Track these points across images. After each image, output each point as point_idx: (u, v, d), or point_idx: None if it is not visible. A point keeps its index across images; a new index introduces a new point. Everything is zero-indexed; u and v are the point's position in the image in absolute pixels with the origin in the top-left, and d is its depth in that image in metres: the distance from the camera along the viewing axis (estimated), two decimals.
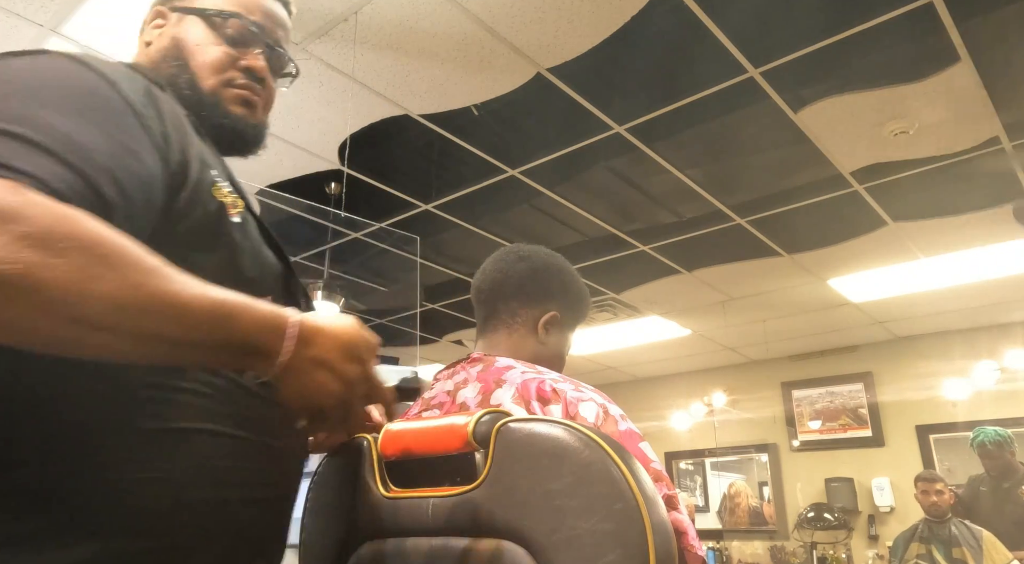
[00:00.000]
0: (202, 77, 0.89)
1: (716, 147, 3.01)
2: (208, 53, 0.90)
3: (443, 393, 1.12)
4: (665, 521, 0.80)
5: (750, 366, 6.17)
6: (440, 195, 3.37)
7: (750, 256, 4.06)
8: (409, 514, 0.89)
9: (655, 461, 0.95)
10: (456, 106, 2.67)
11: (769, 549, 5.62)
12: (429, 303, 4.81)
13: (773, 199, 3.41)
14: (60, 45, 2.29)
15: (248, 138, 0.93)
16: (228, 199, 0.77)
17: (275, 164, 3.06)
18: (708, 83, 2.55)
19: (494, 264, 1.24)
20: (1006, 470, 3.84)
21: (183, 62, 0.89)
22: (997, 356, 5.00)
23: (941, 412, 5.17)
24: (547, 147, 2.97)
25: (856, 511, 5.31)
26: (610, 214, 3.59)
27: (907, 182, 3.22)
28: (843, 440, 5.55)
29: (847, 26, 2.27)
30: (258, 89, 0.93)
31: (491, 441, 0.84)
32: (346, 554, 0.95)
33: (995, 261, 4.06)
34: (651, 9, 2.19)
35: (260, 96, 0.94)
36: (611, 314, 5.00)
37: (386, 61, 2.43)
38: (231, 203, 0.77)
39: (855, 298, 4.65)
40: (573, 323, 1.25)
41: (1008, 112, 2.71)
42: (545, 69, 2.47)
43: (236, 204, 0.78)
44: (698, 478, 6.31)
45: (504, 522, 0.81)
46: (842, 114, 2.72)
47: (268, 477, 0.77)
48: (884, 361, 5.53)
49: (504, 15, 2.22)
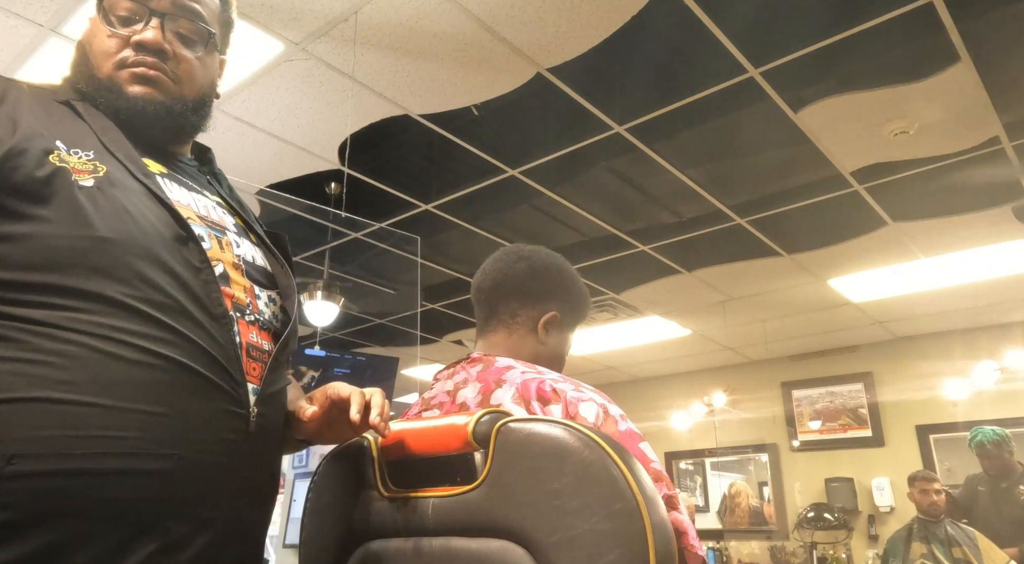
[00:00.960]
0: (98, 67, 0.90)
1: (716, 147, 3.01)
2: (99, 41, 0.91)
3: (443, 393, 1.12)
4: (665, 521, 0.80)
5: (750, 366, 6.16)
6: (440, 195, 3.37)
7: (750, 256, 4.06)
8: (409, 514, 0.89)
9: (655, 461, 0.95)
10: (456, 106, 2.67)
11: (769, 549, 5.61)
12: (429, 303, 4.81)
13: (773, 199, 3.41)
14: (60, 45, 2.30)
15: (152, 115, 0.90)
16: (75, 165, 0.78)
17: (275, 164, 3.06)
18: (708, 83, 2.55)
19: (494, 264, 1.24)
20: (1004, 470, 3.84)
21: (84, 59, 0.91)
22: (997, 356, 5.00)
23: (941, 412, 5.17)
24: (547, 147, 2.97)
25: (856, 511, 5.30)
26: (610, 214, 3.59)
27: (907, 182, 3.22)
28: (843, 440, 5.55)
29: (847, 26, 2.27)
30: (152, 62, 0.90)
31: (491, 441, 0.84)
32: (346, 554, 0.95)
33: (995, 261, 4.06)
34: (651, 9, 2.19)
35: (160, 69, 0.91)
36: (611, 314, 5.00)
37: (386, 61, 2.43)
38: (80, 169, 0.78)
39: (855, 298, 4.65)
40: (573, 323, 1.25)
41: (1008, 112, 2.71)
42: (545, 69, 2.47)
43: (94, 169, 0.79)
44: (698, 478, 6.30)
45: (504, 522, 0.81)
46: (842, 114, 2.72)
47: (147, 446, 0.71)
48: (884, 361, 5.53)
49: (504, 15, 2.22)
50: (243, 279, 0.88)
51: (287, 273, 0.98)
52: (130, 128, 0.89)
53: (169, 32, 0.92)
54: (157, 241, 0.78)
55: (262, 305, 0.90)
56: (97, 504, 0.68)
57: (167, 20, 0.92)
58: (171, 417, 0.73)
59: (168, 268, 0.78)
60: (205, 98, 0.97)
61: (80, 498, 0.67)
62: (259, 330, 0.87)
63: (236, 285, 0.86)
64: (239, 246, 0.91)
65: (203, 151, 1.06)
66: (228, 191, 1.03)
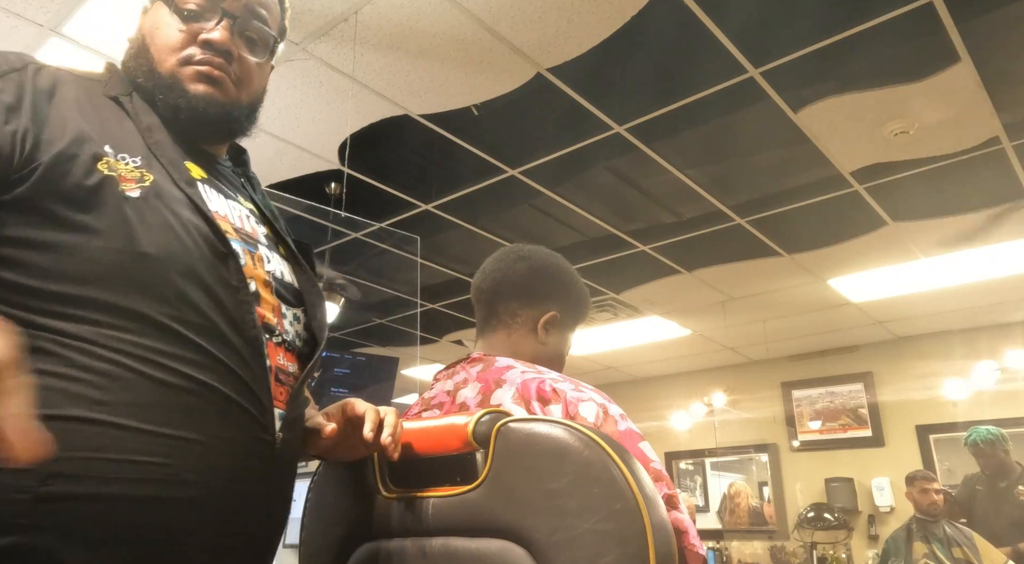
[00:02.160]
0: (159, 60, 0.87)
1: (716, 147, 3.01)
2: (163, 35, 0.87)
3: (443, 393, 1.12)
4: (665, 521, 0.80)
5: (750, 366, 6.16)
6: (440, 195, 3.37)
7: (750, 256, 4.06)
8: (409, 514, 0.89)
9: (655, 461, 0.95)
10: (456, 106, 2.67)
11: (769, 549, 5.61)
12: (429, 303, 4.81)
13: (773, 199, 3.41)
14: (60, 45, 2.29)
15: (211, 117, 0.87)
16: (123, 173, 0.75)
17: (275, 164, 3.06)
18: (708, 83, 2.55)
19: (494, 264, 1.24)
20: (1001, 469, 3.85)
21: (144, 51, 0.88)
22: (997, 356, 5.00)
23: (941, 412, 5.17)
24: (547, 147, 2.97)
25: (856, 511, 5.30)
26: (610, 214, 3.59)
27: (907, 182, 3.22)
28: (843, 440, 5.55)
29: (847, 26, 2.27)
30: (220, 63, 0.88)
31: (491, 441, 0.84)
32: (346, 554, 0.95)
33: (995, 261, 4.06)
34: (651, 9, 2.19)
35: (225, 71, 0.88)
36: (611, 314, 5.00)
37: (386, 61, 2.43)
38: (128, 177, 0.75)
39: (855, 298, 4.65)
40: (573, 323, 1.25)
41: (1008, 112, 2.71)
42: (545, 69, 2.46)
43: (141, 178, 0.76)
44: (698, 478, 6.30)
45: (504, 522, 0.81)
46: (842, 114, 2.72)
47: (178, 473, 0.69)
48: (884, 361, 5.53)
49: (504, 15, 2.22)
50: (272, 297, 0.85)
51: (315, 288, 0.95)
52: (181, 128, 0.86)
53: (236, 34, 0.90)
54: (197, 257, 0.76)
55: (287, 324, 0.87)
56: (127, 530, 0.67)
57: (237, 23, 0.90)
58: (202, 444, 0.72)
59: (206, 286, 0.76)
60: (257, 104, 0.96)
61: (112, 524, 0.66)
62: (285, 351, 0.85)
63: (266, 304, 0.84)
64: (269, 261, 0.88)
65: (239, 152, 1.03)
66: (261, 197, 1.00)
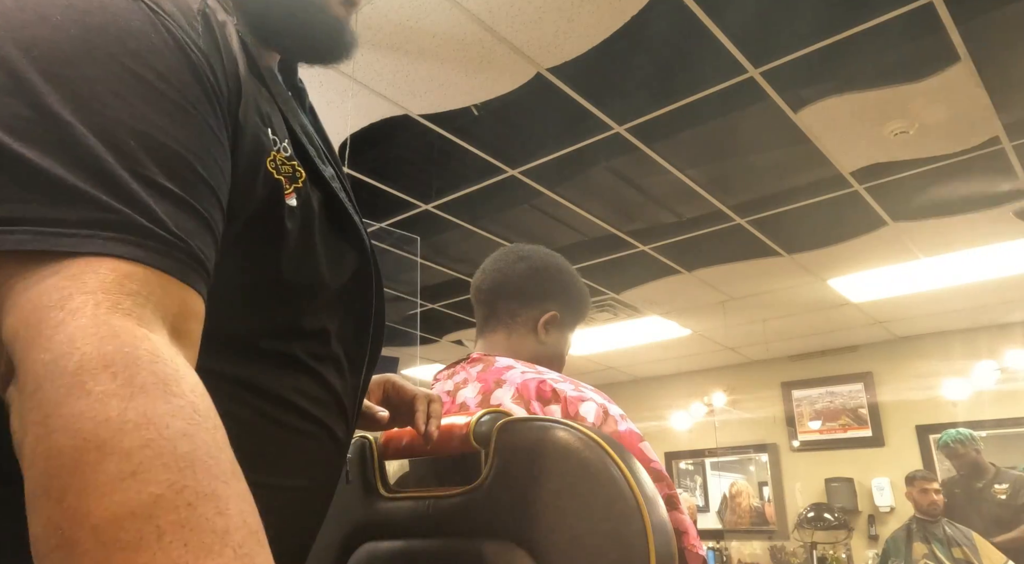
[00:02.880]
0: None
1: (716, 147, 3.01)
2: None
3: (443, 393, 1.12)
4: (665, 521, 0.80)
5: (750, 366, 6.16)
6: (440, 195, 3.37)
7: (750, 256, 4.06)
8: (409, 514, 0.89)
9: (655, 461, 0.95)
10: (456, 106, 2.67)
11: (769, 549, 5.61)
12: (429, 303, 4.81)
13: (773, 199, 3.41)
14: None
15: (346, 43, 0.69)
16: (284, 172, 0.54)
17: None
18: (708, 83, 2.55)
19: (494, 264, 1.24)
20: (975, 469, 3.90)
21: None
22: (997, 356, 5.00)
23: (941, 412, 5.17)
24: (547, 147, 2.97)
25: (856, 511, 5.30)
26: (610, 214, 3.59)
27: (907, 182, 3.22)
28: (843, 440, 5.55)
29: (847, 26, 2.27)
30: None
31: (491, 441, 0.84)
32: (345, 554, 0.95)
33: (995, 261, 4.06)
34: (651, 9, 2.19)
35: None
36: (611, 314, 5.00)
37: (386, 61, 2.43)
38: (286, 177, 0.54)
39: (855, 298, 4.65)
40: (573, 323, 1.25)
41: (1008, 112, 2.71)
42: (545, 69, 2.46)
43: (293, 176, 0.55)
44: (698, 478, 6.30)
45: (504, 522, 0.81)
46: (842, 114, 2.72)
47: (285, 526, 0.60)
48: (884, 361, 5.53)
49: (504, 15, 2.22)
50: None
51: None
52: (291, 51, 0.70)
53: None
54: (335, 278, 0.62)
55: None
56: None
57: None
58: (310, 490, 0.64)
59: (338, 313, 0.63)
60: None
61: None
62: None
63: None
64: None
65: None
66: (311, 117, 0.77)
